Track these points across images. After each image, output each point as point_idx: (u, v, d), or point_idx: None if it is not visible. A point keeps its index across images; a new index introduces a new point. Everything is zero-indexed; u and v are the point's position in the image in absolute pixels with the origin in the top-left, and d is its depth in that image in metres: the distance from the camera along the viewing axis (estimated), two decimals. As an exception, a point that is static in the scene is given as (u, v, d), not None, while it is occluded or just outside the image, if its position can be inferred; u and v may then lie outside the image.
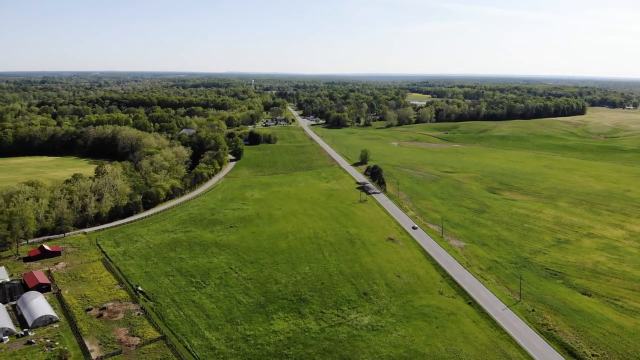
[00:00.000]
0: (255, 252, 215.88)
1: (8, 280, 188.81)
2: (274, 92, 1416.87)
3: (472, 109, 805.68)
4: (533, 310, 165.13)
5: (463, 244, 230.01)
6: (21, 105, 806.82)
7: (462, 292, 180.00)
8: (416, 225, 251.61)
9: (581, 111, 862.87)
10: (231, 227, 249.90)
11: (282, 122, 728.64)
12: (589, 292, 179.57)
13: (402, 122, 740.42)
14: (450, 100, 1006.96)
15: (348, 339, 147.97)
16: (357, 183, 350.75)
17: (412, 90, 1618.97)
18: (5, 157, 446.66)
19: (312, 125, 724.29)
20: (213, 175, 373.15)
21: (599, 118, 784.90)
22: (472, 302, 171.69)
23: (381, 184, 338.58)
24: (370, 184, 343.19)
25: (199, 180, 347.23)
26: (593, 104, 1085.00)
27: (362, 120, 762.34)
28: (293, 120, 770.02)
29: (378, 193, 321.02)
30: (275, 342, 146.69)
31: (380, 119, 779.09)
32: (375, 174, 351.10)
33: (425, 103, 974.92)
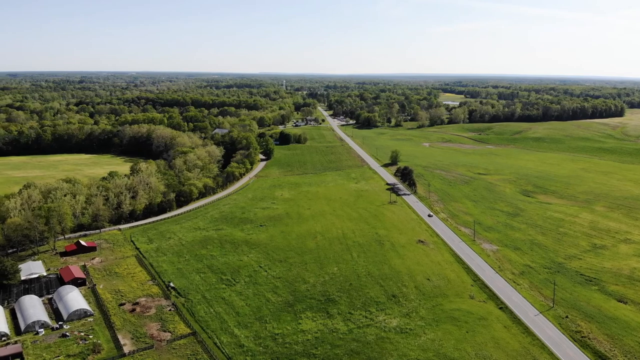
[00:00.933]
0: (284, 251, 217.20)
1: (45, 274, 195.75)
2: (304, 92, 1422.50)
3: (506, 109, 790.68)
4: (567, 317, 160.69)
5: (495, 247, 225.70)
6: (60, 104, 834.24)
7: (493, 296, 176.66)
8: (431, 214, 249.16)
9: (619, 113, 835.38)
10: (261, 226, 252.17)
11: (312, 123, 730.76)
12: (625, 299, 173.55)
13: (434, 122, 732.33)
14: (484, 100, 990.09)
15: (376, 340, 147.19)
16: (387, 184, 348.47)
17: (445, 90, 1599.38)
18: (44, 155, 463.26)
19: (342, 125, 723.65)
20: (244, 174, 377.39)
21: (638, 120, 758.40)
22: (503, 307, 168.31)
23: (412, 185, 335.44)
24: (400, 185, 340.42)
25: (230, 179, 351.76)
26: (632, 105, 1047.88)
27: (393, 121, 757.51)
28: (323, 120, 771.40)
29: (408, 194, 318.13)
30: (303, 342, 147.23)
31: (412, 120, 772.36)
32: (405, 175, 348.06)
33: (458, 103, 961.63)
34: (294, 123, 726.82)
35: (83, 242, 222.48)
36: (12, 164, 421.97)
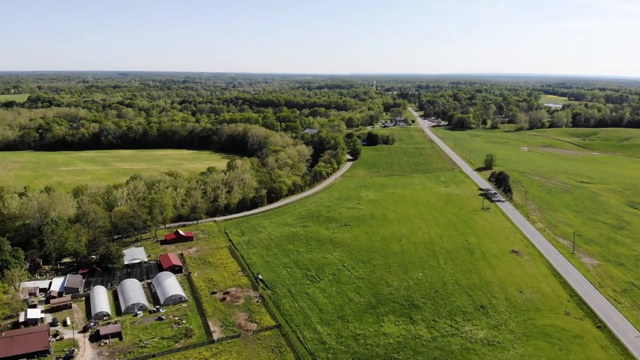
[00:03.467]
0: (367, 252, 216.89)
1: (146, 260, 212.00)
2: (395, 92, 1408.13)
3: (614, 114, 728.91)
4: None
5: (596, 262, 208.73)
6: (165, 102, 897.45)
7: (591, 314, 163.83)
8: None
9: None
10: (345, 225, 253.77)
11: (401, 123, 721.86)
12: None
13: (533, 125, 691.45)
14: (589, 103, 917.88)
15: (460, 351, 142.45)
16: (480, 189, 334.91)
17: (547, 92, 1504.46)
18: (150, 149, 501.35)
19: (433, 126, 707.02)
20: (331, 174, 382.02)
21: None
22: (601, 326, 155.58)
23: (507, 191, 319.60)
24: (494, 191, 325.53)
25: (317, 178, 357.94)
26: None
27: (489, 123, 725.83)
28: (413, 121, 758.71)
29: (503, 201, 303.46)
30: (384, 345, 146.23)
31: (509, 122, 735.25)
32: (500, 180, 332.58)
33: (560, 106, 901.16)
34: (383, 124, 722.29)
35: (181, 232, 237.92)
36: (121, 156, 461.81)
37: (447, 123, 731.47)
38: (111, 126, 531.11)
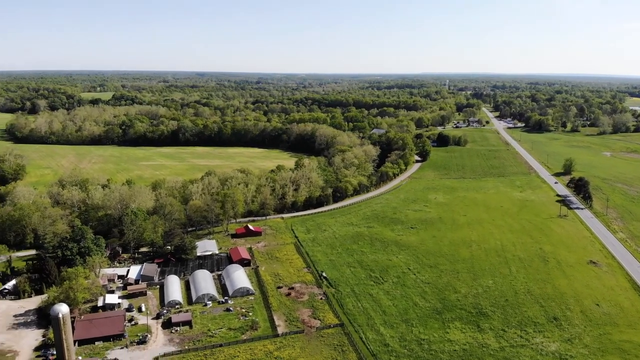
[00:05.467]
0: (435, 256, 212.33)
1: (217, 252, 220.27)
2: (468, 92, 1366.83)
3: None
4: None
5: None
6: (239, 102, 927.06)
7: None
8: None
9: None
10: (412, 228, 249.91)
11: (474, 124, 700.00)
12: None
13: (617, 129, 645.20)
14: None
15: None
16: (557, 195, 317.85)
17: (632, 94, 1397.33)
18: (224, 147, 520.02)
19: (509, 128, 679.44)
20: (398, 174, 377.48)
21: None
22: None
23: (586, 198, 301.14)
24: (572, 198, 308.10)
25: (384, 178, 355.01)
26: None
27: (569, 126, 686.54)
28: (487, 122, 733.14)
29: (582, 209, 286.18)
30: (449, 351, 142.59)
31: (591, 125, 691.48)
32: (580, 186, 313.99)
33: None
34: (455, 124, 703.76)
35: (251, 227, 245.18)
36: (197, 153, 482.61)
37: (523, 125, 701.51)
38: (188, 124, 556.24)
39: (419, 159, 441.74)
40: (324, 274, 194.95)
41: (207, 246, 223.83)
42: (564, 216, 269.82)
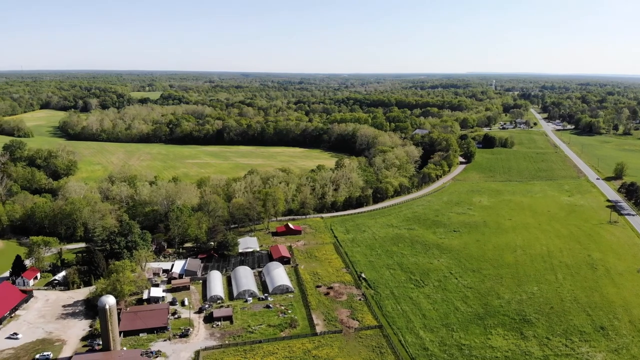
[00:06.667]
0: (477, 261, 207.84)
1: (258, 249, 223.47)
2: (516, 93, 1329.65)
3: None
4: None
5: None
6: (282, 102, 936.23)
7: None
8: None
9: None
10: (454, 231, 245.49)
11: (522, 126, 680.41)
12: None
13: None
14: None
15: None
16: (608, 201, 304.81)
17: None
18: (266, 146, 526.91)
19: (558, 130, 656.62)
20: (441, 176, 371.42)
21: None
22: None
23: (638, 204, 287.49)
24: (624, 203, 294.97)
25: (426, 180, 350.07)
26: None
27: (621, 128, 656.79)
28: (535, 124, 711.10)
29: (633, 215, 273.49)
30: (491, 358, 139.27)
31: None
32: (632, 192, 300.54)
33: None
34: (501, 125, 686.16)
35: (291, 225, 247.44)
36: (240, 152, 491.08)
37: (573, 127, 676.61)
38: (233, 124, 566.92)
39: (463, 160, 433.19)
40: (363, 275, 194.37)
41: (248, 243, 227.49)
42: (614, 222, 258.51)
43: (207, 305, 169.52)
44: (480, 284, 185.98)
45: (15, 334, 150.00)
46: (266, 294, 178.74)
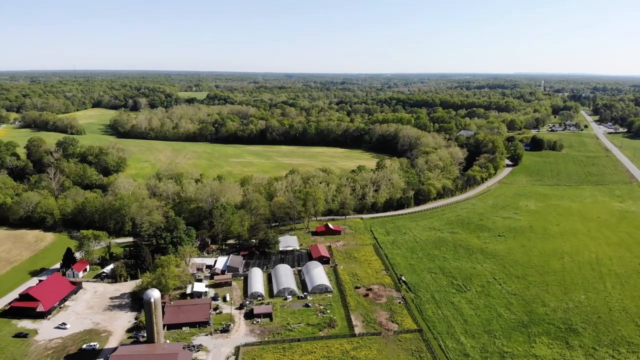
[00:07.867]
0: (523, 267, 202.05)
1: (298, 248, 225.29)
2: (565, 94, 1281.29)
3: None
4: None
5: None
6: (324, 102, 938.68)
7: None
8: None
9: None
10: (499, 236, 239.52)
11: (571, 128, 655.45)
12: None
13: None
14: None
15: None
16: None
17: None
18: (307, 146, 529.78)
19: (610, 133, 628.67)
20: (486, 179, 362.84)
21: None
22: None
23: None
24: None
25: (470, 182, 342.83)
26: None
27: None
28: (586, 126, 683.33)
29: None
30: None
31: None
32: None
33: None
34: (550, 127, 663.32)
35: (331, 225, 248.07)
36: (282, 152, 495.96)
37: (626, 130, 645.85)
38: (275, 124, 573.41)
39: (510, 163, 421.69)
40: (403, 278, 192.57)
41: (288, 242, 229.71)
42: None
43: (247, 302, 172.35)
44: (525, 290, 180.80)
45: (64, 324, 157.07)
46: (305, 293, 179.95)
